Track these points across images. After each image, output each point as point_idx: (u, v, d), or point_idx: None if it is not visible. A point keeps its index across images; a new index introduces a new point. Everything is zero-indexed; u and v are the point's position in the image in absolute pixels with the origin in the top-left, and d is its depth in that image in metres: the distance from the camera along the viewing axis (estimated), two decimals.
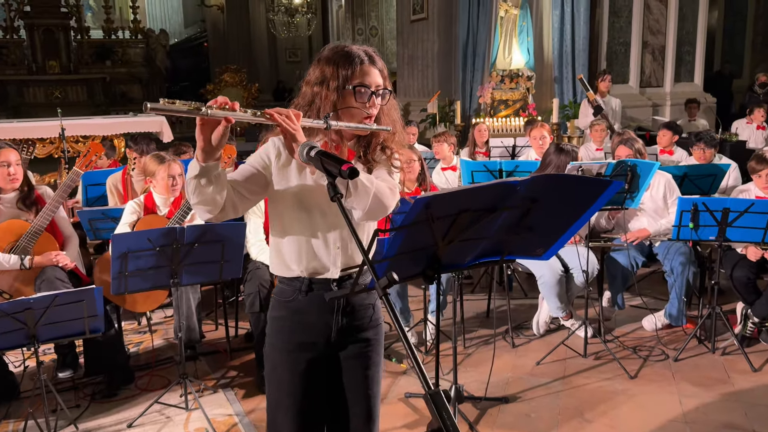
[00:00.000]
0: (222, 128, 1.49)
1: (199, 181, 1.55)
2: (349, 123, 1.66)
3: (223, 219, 1.66)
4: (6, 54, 17.25)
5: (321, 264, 1.74)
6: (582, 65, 9.03)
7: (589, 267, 3.84)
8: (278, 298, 1.82)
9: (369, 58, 1.71)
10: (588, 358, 3.81)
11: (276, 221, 1.78)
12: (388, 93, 1.75)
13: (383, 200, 1.57)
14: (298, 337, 1.79)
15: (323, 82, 1.68)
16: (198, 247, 3.10)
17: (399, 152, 1.76)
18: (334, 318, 1.78)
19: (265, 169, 1.74)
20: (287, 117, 1.52)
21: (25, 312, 2.80)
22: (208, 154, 1.53)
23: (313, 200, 1.70)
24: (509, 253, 1.69)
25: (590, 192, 1.56)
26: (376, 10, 19.19)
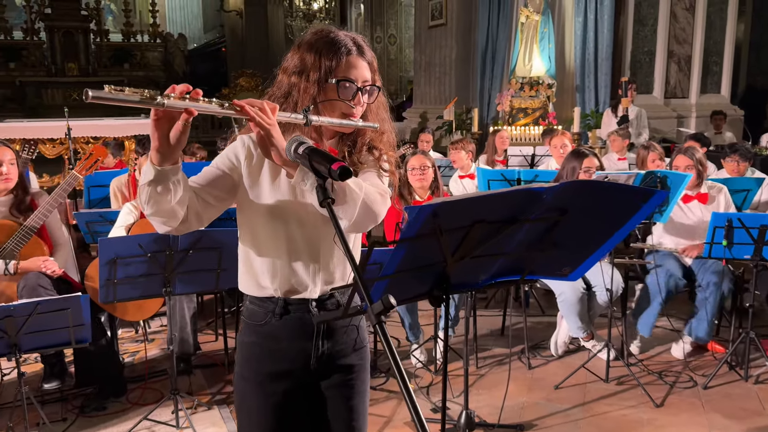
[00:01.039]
0: (182, 122, 1.24)
1: (155, 189, 1.31)
2: (332, 119, 1.43)
3: (184, 231, 1.43)
4: (26, 55, 17.35)
5: (299, 282, 1.51)
6: (605, 74, 8.76)
7: (613, 285, 3.57)
8: (248, 321, 1.58)
9: (357, 48, 1.49)
10: (610, 383, 3.54)
11: (246, 232, 1.55)
12: (377, 90, 1.52)
13: (373, 207, 1.34)
14: (271, 365, 1.55)
15: (303, 71, 1.45)
16: (193, 255, 2.90)
17: (389, 154, 1.53)
18: (313, 344, 1.55)
19: (232, 171, 1.50)
20: (261, 110, 1.29)
21: (5, 319, 2.61)
22: (166, 156, 1.29)
23: (289, 210, 1.47)
24: (531, 272, 1.45)
25: (630, 202, 1.32)
26: (396, 18, 19.04)
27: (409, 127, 10.81)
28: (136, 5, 20.23)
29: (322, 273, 1.52)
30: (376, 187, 1.42)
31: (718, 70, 9.43)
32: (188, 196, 1.39)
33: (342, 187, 1.29)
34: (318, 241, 1.49)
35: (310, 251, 1.51)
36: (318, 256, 1.50)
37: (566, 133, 5.55)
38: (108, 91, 1.10)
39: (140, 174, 3.63)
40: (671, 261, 3.81)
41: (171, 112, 1.23)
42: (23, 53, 17.48)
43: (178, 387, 3.21)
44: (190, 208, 1.42)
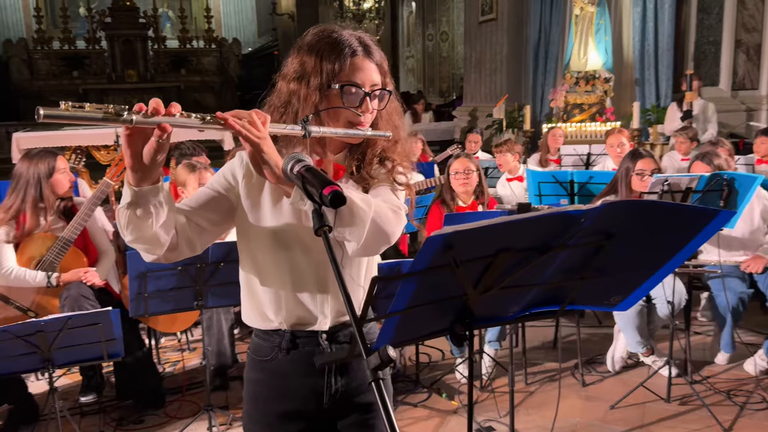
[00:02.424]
0: (155, 140, 1.11)
1: (134, 212, 1.18)
2: (336, 129, 1.27)
3: (174, 259, 1.30)
4: (88, 64, 17.99)
5: (306, 313, 1.36)
6: (666, 66, 8.28)
7: (675, 297, 3.29)
8: (254, 357, 1.45)
9: (363, 48, 1.32)
10: (672, 404, 3.26)
11: (247, 259, 1.40)
12: (388, 94, 1.35)
13: (385, 227, 1.18)
14: (280, 406, 1.41)
15: (303, 77, 1.29)
16: (224, 267, 2.82)
17: (403, 165, 1.35)
18: (325, 381, 1.39)
19: (229, 192, 1.36)
20: (250, 122, 1.14)
21: (36, 335, 2.58)
22: (142, 176, 1.16)
23: (292, 235, 1.32)
24: (572, 302, 1.26)
25: (688, 224, 1.11)
26: (448, 15, 18.77)
27: (458, 126, 10.57)
28: (191, 11, 20.68)
29: (332, 303, 1.36)
30: (389, 203, 1.25)
31: None
32: (174, 220, 1.25)
33: (348, 205, 1.12)
34: (326, 269, 1.33)
35: (318, 280, 1.36)
36: (326, 285, 1.35)
37: (623, 131, 5.22)
38: (64, 109, 0.98)
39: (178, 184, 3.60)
40: (734, 279, 3.48)
41: (143, 129, 1.10)
42: (86, 62, 18.14)
43: (215, 401, 3.14)
44: (180, 234, 1.29)
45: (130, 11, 17.57)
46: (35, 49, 18.19)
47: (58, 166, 3.25)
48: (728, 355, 3.65)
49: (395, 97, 1.39)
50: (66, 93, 17.84)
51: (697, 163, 3.68)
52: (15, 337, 2.55)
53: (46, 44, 18.14)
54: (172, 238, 1.26)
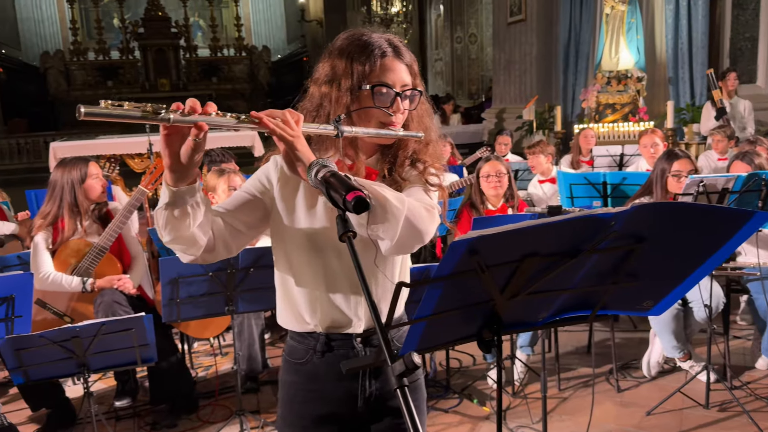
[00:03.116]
0: (192, 139, 1.13)
1: (172, 213, 1.20)
2: (368, 128, 1.27)
3: (211, 261, 1.32)
4: (122, 74, 18.42)
5: (340, 316, 1.36)
6: (701, 64, 8.10)
7: (713, 300, 3.20)
8: (288, 359, 1.45)
9: (393, 50, 1.32)
10: (710, 410, 3.17)
11: (282, 262, 1.41)
12: (419, 94, 1.34)
13: (418, 225, 1.17)
14: (315, 409, 1.41)
15: (334, 80, 1.30)
16: (254, 272, 2.84)
17: (435, 166, 1.34)
18: (359, 384, 1.40)
19: (264, 195, 1.37)
20: (283, 121, 1.15)
21: (72, 340, 2.63)
22: (180, 175, 1.17)
23: (327, 238, 1.32)
24: (604, 306, 1.23)
25: (722, 226, 1.08)
26: (476, 17, 18.68)
27: (487, 128, 10.50)
28: (222, 20, 21.01)
29: (366, 306, 1.36)
30: (422, 202, 1.25)
31: None
32: (210, 222, 1.27)
33: (381, 202, 1.12)
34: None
35: (351, 283, 1.36)
36: (360, 288, 1.35)
37: (657, 131, 5.11)
38: (104, 107, 0.99)
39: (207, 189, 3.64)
40: None
41: (180, 128, 1.12)
42: (120, 71, 18.58)
43: (246, 405, 3.16)
44: (217, 236, 1.30)
45: (163, 21, 17.94)
46: (72, 60, 18.70)
47: (91, 172, 3.31)
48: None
49: (426, 98, 1.38)
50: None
51: (736, 162, 3.58)
52: (52, 342, 2.60)
53: (81, 55, 18.64)
54: (209, 240, 1.28)
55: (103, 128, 15.74)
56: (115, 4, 19.55)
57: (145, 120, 1.04)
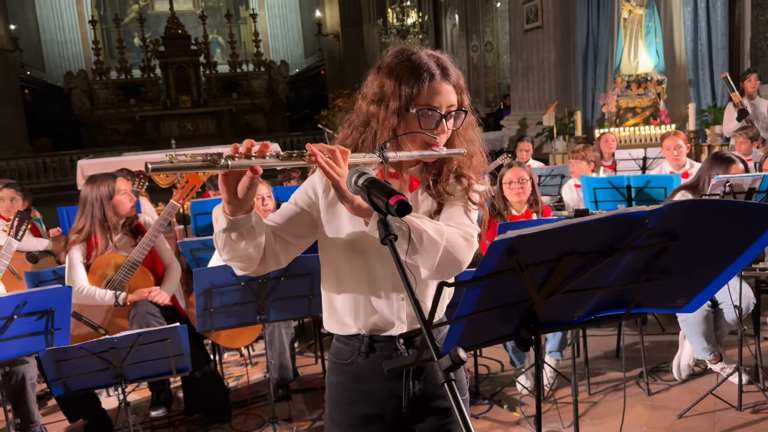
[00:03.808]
0: (248, 180, 1.22)
1: (229, 236, 1.28)
2: (412, 152, 1.32)
3: (262, 272, 1.37)
4: (144, 91, 18.75)
5: (382, 319, 1.41)
6: (721, 65, 8.04)
7: (743, 301, 3.18)
8: (335, 360, 1.50)
9: (441, 71, 1.35)
10: (743, 411, 3.14)
11: (327, 269, 1.46)
12: (463, 113, 1.38)
13: (456, 255, 1.23)
14: (361, 408, 1.46)
15: (382, 100, 1.34)
16: (285, 281, 2.88)
17: (478, 181, 1.39)
18: (403, 385, 1.44)
19: (311, 207, 1.43)
20: (332, 157, 1.20)
21: (110, 351, 2.70)
22: (236, 208, 1.25)
23: (368, 243, 1.36)
24: (637, 305, 1.26)
25: (754, 222, 1.10)
26: (491, 25, 18.76)
27: (507, 135, 10.51)
28: (240, 36, 21.31)
29: (408, 309, 1.41)
30: (461, 228, 1.30)
31: None
32: (264, 240, 1.33)
33: (419, 233, 1.18)
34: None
35: (393, 286, 1.40)
36: (402, 291, 1.40)
37: (679, 133, 5.09)
38: (169, 161, 1.06)
39: None
40: None
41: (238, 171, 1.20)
42: (141, 89, 18.92)
43: (279, 413, 3.20)
44: (267, 249, 1.36)
45: (182, 39, 18.24)
46: (95, 79, 19.08)
47: (118, 188, 3.38)
48: None
49: (471, 111, 1.42)
50: (124, 120, 18.64)
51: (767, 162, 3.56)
52: (90, 353, 2.67)
53: (104, 74, 19.01)
54: (261, 255, 1.34)
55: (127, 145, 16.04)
56: (136, 24, 19.97)
57: (205, 168, 1.11)
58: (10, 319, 2.62)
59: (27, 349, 2.76)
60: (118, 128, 18.56)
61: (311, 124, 16.46)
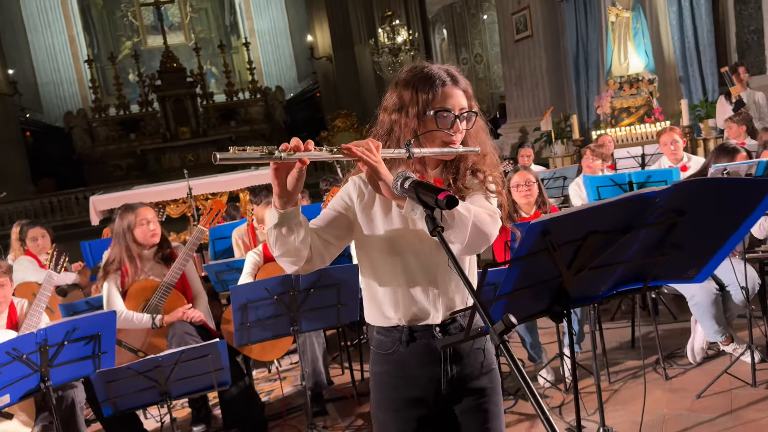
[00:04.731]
0: (296, 171, 1.37)
1: (281, 231, 1.44)
2: (433, 149, 1.50)
3: (310, 270, 1.53)
4: (143, 126, 19.02)
5: (420, 309, 1.57)
6: (709, 60, 8.27)
7: (748, 282, 3.34)
8: (378, 351, 1.66)
9: (451, 78, 1.55)
10: (759, 388, 3.28)
11: (366, 267, 1.63)
12: (474, 115, 1.57)
13: (484, 229, 1.38)
14: (404, 393, 1.61)
15: (402, 108, 1.53)
16: (314, 293, 3.05)
17: (493, 174, 1.56)
18: (441, 368, 1.60)
19: (347, 210, 1.60)
20: (367, 149, 1.38)
21: (155, 370, 2.85)
22: (287, 200, 1.42)
23: (403, 241, 1.54)
24: (654, 278, 1.42)
25: (750, 195, 1.27)
26: (480, 37, 19.09)
27: (506, 142, 10.71)
28: (234, 65, 21.65)
29: (442, 298, 1.57)
30: (485, 209, 1.46)
31: None
32: (309, 237, 1.49)
33: (451, 212, 1.33)
34: (434, 268, 1.54)
35: (428, 278, 1.56)
36: (436, 282, 1.56)
37: (675, 129, 5.28)
38: (233, 152, 1.23)
39: (257, 222, 3.89)
40: None
41: (287, 163, 1.35)
42: (141, 124, 19.20)
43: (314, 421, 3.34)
44: (313, 249, 1.52)
45: (178, 72, 18.54)
46: (94, 117, 19.35)
47: (138, 219, 3.53)
48: None
49: (480, 116, 1.60)
50: (125, 155, 18.89)
51: (765, 152, 3.73)
52: (137, 373, 2.82)
53: (103, 112, 19.29)
54: (308, 253, 1.50)
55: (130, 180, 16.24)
56: (130, 60, 20.31)
57: (263, 159, 1.27)
58: (62, 345, 2.78)
59: (77, 373, 2.92)
60: (120, 164, 18.80)
61: None
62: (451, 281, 1.57)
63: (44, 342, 2.73)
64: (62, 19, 21.97)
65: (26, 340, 2.69)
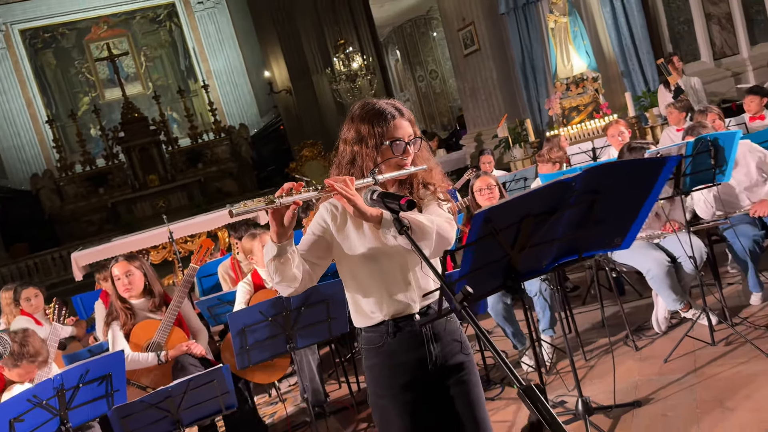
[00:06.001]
0: (291, 212, 1.66)
1: (279, 261, 1.72)
2: (392, 173, 1.80)
3: (302, 290, 1.81)
4: (111, 179, 19.04)
5: (401, 304, 1.85)
6: (646, 53, 8.80)
7: (696, 252, 3.69)
8: (368, 347, 1.92)
9: (398, 112, 1.85)
10: (718, 346, 3.62)
11: (349, 279, 1.90)
12: (419, 140, 1.88)
13: (445, 235, 1.67)
14: (398, 378, 1.87)
15: (361, 140, 1.82)
16: (305, 310, 3.30)
17: (440, 186, 1.86)
18: (426, 349, 1.86)
19: (325, 233, 1.88)
20: (344, 184, 1.65)
21: (166, 400, 3.07)
22: (283, 235, 1.69)
23: (376, 250, 1.82)
24: (586, 249, 1.73)
25: (649, 173, 1.59)
26: (432, 54, 19.66)
27: (468, 152, 11.11)
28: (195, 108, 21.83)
29: (417, 291, 1.85)
30: (443, 217, 1.76)
31: (763, 18, 9.22)
32: (302, 263, 1.77)
33: (418, 225, 1.63)
34: (406, 267, 1.84)
35: (403, 277, 1.85)
36: (410, 278, 1.84)
37: (620, 121, 5.69)
38: (243, 207, 1.52)
39: (243, 253, 4.14)
40: (745, 225, 3.88)
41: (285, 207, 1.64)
42: (108, 177, 19.20)
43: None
44: (303, 272, 1.80)
45: (140, 121, 18.63)
46: (61, 176, 19.30)
47: (113, 273, 3.77)
48: (759, 294, 4.00)
49: (424, 140, 1.91)
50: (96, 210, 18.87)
51: (687, 138, 4.11)
52: (150, 405, 3.04)
53: (69, 170, 19.26)
54: (301, 276, 1.78)
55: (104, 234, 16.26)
56: (91, 116, 20.36)
57: (269, 207, 1.56)
58: (77, 387, 2.98)
59: (93, 413, 3.12)
60: (92, 219, 18.77)
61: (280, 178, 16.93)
62: (423, 276, 1.86)
63: (61, 386, 2.93)
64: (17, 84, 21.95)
65: (44, 386, 2.89)
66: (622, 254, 3.93)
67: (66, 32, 22.49)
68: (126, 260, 3.87)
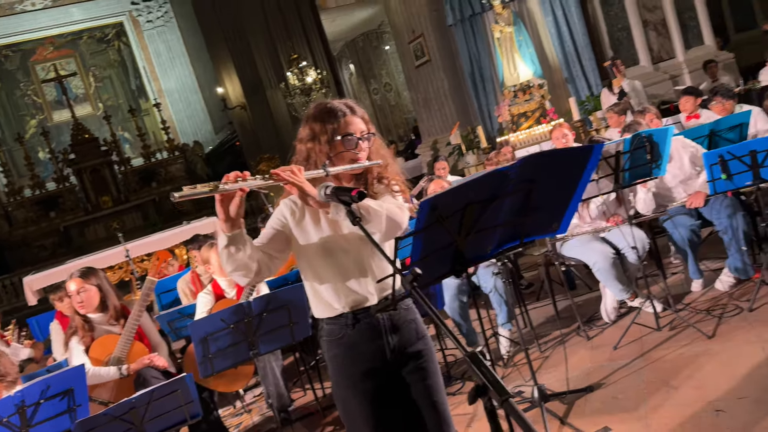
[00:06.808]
0: (238, 199, 1.73)
1: (230, 250, 1.79)
2: (345, 165, 1.89)
3: (260, 280, 1.90)
4: (62, 202, 18.56)
5: (359, 296, 1.94)
6: (588, 59, 9.16)
7: (638, 243, 3.90)
8: (329, 338, 2.00)
9: (350, 109, 1.95)
10: (662, 331, 3.82)
11: (307, 271, 1.98)
12: (372, 135, 1.98)
13: (395, 219, 1.76)
14: (357, 367, 1.96)
15: (314, 137, 1.92)
16: (267, 316, 3.35)
17: (395, 179, 1.97)
18: (384, 340, 1.95)
19: (284, 227, 1.96)
20: (291, 172, 1.75)
21: (130, 412, 3.08)
22: (232, 224, 1.77)
23: (334, 244, 1.91)
24: (526, 235, 1.85)
25: (579, 160, 1.73)
26: (386, 67, 19.92)
27: (423, 160, 11.31)
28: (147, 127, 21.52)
29: (374, 284, 1.93)
30: (394, 203, 1.86)
31: (695, 24, 9.73)
32: (256, 253, 1.84)
33: (367, 209, 1.72)
34: (363, 261, 1.92)
35: (360, 270, 1.94)
36: (366, 271, 1.93)
37: (564, 124, 5.93)
38: (187, 190, 1.58)
39: (202, 263, 4.16)
40: (682, 216, 4.11)
41: (230, 193, 1.71)
42: (59, 200, 18.71)
43: None
44: (260, 263, 1.87)
45: (90, 142, 18.24)
46: (9, 201, 18.75)
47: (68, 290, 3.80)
48: (700, 281, 4.23)
49: (378, 136, 2.01)
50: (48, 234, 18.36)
51: (625, 135, 4.34)
52: (113, 417, 3.04)
53: (17, 194, 18.71)
54: (256, 266, 1.84)
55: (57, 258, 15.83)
56: (39, 138, 19.88)
57: (212, 192, 1.62)
58: (38, 404, 2.96)
59: (55, 429, 3.09)
60: (44, 243, 18.25)
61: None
62: (378, 268, 1.95)
63: (21, 403, 2.91)
64: None
65: (5, 403, 2.87)
66: (570, 248, 4.12)
67: (10, 54, 21.94)
68: (80, 277, 3.85)
